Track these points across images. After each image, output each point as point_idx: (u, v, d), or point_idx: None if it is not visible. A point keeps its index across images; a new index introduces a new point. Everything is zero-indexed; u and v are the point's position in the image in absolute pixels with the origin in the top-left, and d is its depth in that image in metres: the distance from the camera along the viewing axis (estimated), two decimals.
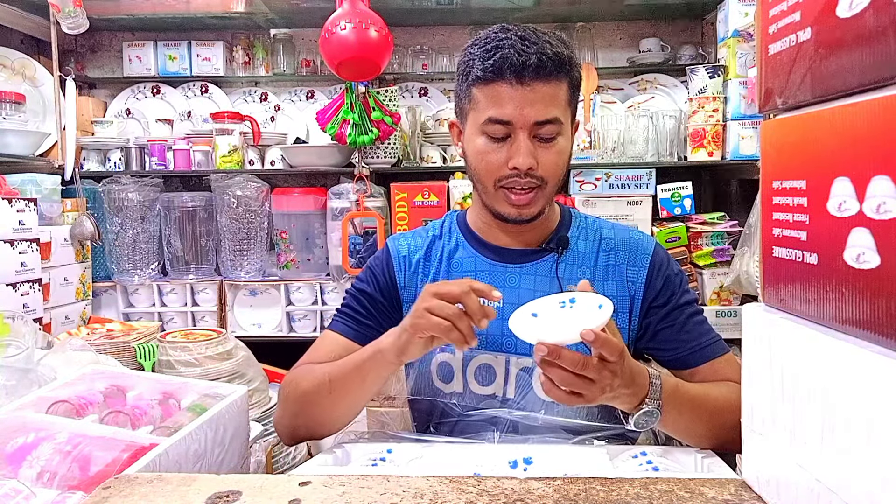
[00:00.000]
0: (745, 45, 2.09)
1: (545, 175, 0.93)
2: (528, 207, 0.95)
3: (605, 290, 0.99)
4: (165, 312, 2.41)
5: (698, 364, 0.97)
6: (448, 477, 0.55)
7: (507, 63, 0.88)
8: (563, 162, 0.95)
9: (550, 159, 0.93)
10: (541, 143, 0.92)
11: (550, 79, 0.90)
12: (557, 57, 0.90)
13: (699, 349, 0.98)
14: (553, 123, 0.91)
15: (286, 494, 0.52)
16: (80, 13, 2.12)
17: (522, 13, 2.46)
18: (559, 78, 0.91)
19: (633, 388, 0.78)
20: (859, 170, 0.39)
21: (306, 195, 2.36)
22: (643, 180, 2.22)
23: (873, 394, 0.38)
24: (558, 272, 1.00)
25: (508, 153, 0.92)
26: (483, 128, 0.93)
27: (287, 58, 2.62)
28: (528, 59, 0.88)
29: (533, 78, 0.89)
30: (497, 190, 0.95)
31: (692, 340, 0.98)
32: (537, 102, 0.90)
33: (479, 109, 0.93)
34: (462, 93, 0.97)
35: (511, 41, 0.89)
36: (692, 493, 0.53)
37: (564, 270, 1.00)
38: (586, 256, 1.02)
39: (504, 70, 0.89)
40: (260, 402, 1.42)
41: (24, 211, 1.80)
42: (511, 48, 0.89)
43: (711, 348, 0.98)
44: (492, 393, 0.98)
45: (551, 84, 0.90)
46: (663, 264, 1.03)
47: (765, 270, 0.51)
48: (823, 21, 0.43)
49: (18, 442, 0.73)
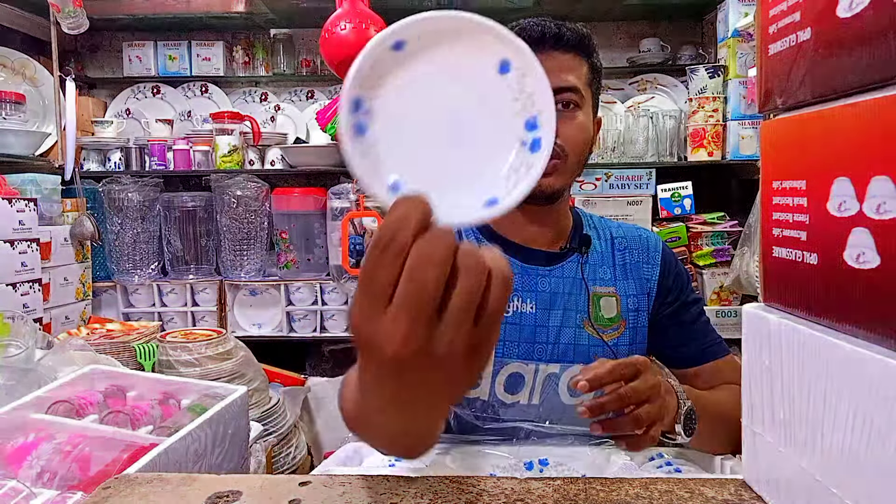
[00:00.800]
0: (745, 45, 2.09)
1: (566, 145, 0.91)
2: (548, 177, 0.91)
3: (626, 289, 0.99)
4: (165, 312, 2.41)
5: (701, 363, 0.98)
6: (448, 477, 0.55)
7: (527, 32, 0.89)
8: (584, 138, 0.94)
9: (571, 132, 0.91)
10: (561, 113, 0.91)
11: (570, 49, 0.91)
12: (577, 32, 0.91)
13: (704, 349, 0.98)
14: (573, 92, 0.91)
15: (286, 494, 0.52)
16: (80, 13, 2.12)
17: (522, 13, 2.46)
18: (579, 52, 0.92)
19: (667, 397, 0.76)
20: (859, 170, 0.39)
21: (306, 195, 2.36)
22: (643, 180, 2.23)
23: (873, 394, 0.38)
24: (583, 273, 0.98)
25: None
26: None
27: (287, 58, 2.62)
28: (548, 28, 0.89)
29: (552, 46, 0.90)
30: None
31: (697, 339, 0.99)
32: (556, 70, 0.89)
33: None
34: None
35: (531, 20, 0.91)
36: (692, 493, 0.53)
37: (588, 271, 0.99)
38: (605, 256, 1.01)
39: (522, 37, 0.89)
40: (260, 402, 1.43)
41: (24, 211, 1.80)
42: (531, 21, 0.91)
43: (715, 349, 0.99)
44: (517, 400, 0.96)
45: (570, 55, 0.91)
46: (673, 262, 1.03)
47: (765, 270, 0.51)
48: (823, 21, 0.43)
49: (18, 442, 0.73)
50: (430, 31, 0.40)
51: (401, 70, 0.40)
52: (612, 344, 0.97)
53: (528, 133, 0.41)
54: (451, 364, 0.36)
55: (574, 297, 0.97)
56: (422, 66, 0.41)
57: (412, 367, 0.36)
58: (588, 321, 0.97)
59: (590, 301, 0.97)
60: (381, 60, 0.40)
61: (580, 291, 0.97)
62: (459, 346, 0.35)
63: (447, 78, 0.41)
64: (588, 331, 0.96)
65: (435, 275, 0.34)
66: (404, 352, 0.35)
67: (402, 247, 0.34)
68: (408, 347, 0.34)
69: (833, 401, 0.41)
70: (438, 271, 0.34)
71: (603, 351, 0.96)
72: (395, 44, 0.39)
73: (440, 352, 0.35)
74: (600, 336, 0.96)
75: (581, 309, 0.97)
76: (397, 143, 0.41)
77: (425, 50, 0.40)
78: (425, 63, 0.41)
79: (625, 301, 0.99)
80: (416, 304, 0.34)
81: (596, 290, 0.98)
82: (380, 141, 0.40)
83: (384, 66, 0.40)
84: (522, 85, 0.41)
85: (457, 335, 0.35)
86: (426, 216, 0.35)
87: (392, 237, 0.34)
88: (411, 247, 0.34)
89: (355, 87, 0.39)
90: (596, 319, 0.97)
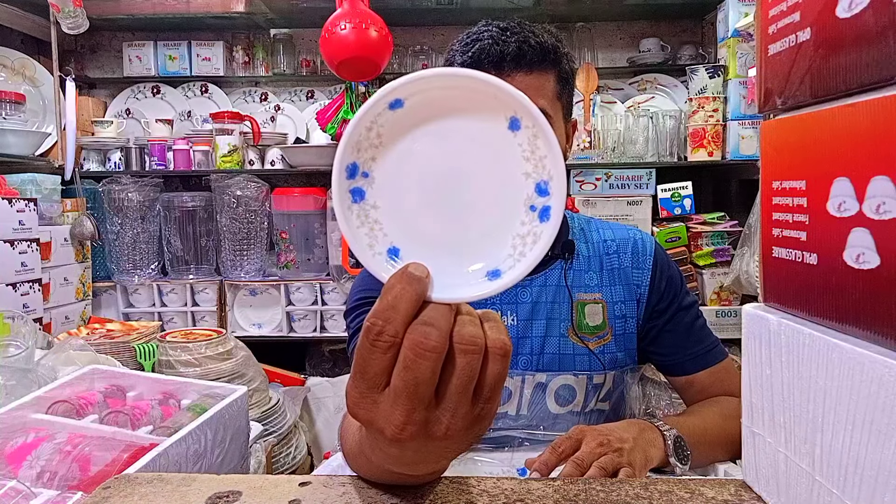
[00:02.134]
0: (745, 45, 2.09)
1: None
2: None
3: (614, 295, 0.97)
4: (165, 312, 2.41)
5: (697, 370, 0.96)
6: (448, 477, 0.55)
7: (485, 53, 0.84)
8: None
9: None
10: None
11: (533, 69, 0.85)
12: (540, 46, 0.85)
13: (699, 355, 0.96)
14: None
15: (286, 494, 0.52)
16: (80, 13, 2.12)
17: (522, 13, 2.46)
18: (543, 68, 0.86)
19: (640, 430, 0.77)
20: (859, 170, 0.39)
21: (306, 195, 2.36)
22: (643, 180, 2.22)
23: (873, 393, 0.38)
24: (567, 280, 0.96)
25: None
26: None
27: (287, 58, 2.62)
28: (507, 48, 0.83)
29: (513, 68, 0.84)
30: None
31: (693, 346, 0.97)
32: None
33: None
34: None
35: (490, 32, 0.86)
36: (692, 494, 0.52)
37: (573, 278, 0.97)
38: (591, 261, 0.99)
39: (482, 61, 0.84)
40: (260, 402, 1.43)
41: (24, 211, 1.80)
42: (489, 38, 0.85)
43: (711, 354, 0.97)
44: (505, 411, 0.95)
45: (534, 74, 0.85)
46: (666, 266, 1.01)
47: (765, 270, 0.51)
48: (823, 21, 0.43)
49: (18, 442, 0.73)
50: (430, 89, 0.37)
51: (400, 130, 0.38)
52: (599, 352, 0.95)
53: (539, 198, 0.38)
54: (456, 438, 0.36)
55: (557, 305, 0.95)
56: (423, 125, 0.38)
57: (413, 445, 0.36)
58: (572, 329, 0.95)
59: (573, 309, 0.95)
60: (378, 121, 0.37)
61: (563, 299, 0.95)
62: (461, 424, 0.35)
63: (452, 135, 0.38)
64: (573, 339, 0.95)
65: (429, 365, 0.34)
66: (403, 436, 0.35)
67: (394, 337, 0.34)
68: (406, 432, 0.35)
69: (833, 401, 0.41)
70: (432, 361, 0.34)
71: (589, 359, 0.94)
72: (392, 103, 0.37)
73: (441, 433, 0.35)
74: (585, 344, 0.95)
75: (564, 318, 0.95)
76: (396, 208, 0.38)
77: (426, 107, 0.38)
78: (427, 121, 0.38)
79: (612, 308, 0.97)
80: (412, 393, 0.34)
81: (580, 297, 0.96)
82: (377, 207, 0.38)
83: (382, 126, 0.38)
84: (534, 146, 0.38)
85: (455, 417, 0.35)
86: (419, 298, 0.34)
87: (382, 328, 0.34)
88: (404, 335, 0.34)
89: (351, 152, 0.37)
90: (580, 328, 0.95)
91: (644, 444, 0.76)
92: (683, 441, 0.79)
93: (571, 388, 0.95)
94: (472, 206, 0.39)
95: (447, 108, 0.38)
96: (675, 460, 0.77)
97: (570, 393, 0.95)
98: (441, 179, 0.38)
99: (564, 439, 0.74)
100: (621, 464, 0.71)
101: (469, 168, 0.38)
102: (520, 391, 0.95)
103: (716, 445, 0.84)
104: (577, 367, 0.95)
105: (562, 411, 0.95)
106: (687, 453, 0.79)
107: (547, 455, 0.73)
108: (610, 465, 0.70)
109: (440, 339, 0.34)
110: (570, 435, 0.74)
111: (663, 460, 0.77)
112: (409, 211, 0.38)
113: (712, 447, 0.83)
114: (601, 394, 0.96)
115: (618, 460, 0.71)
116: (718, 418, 0.87)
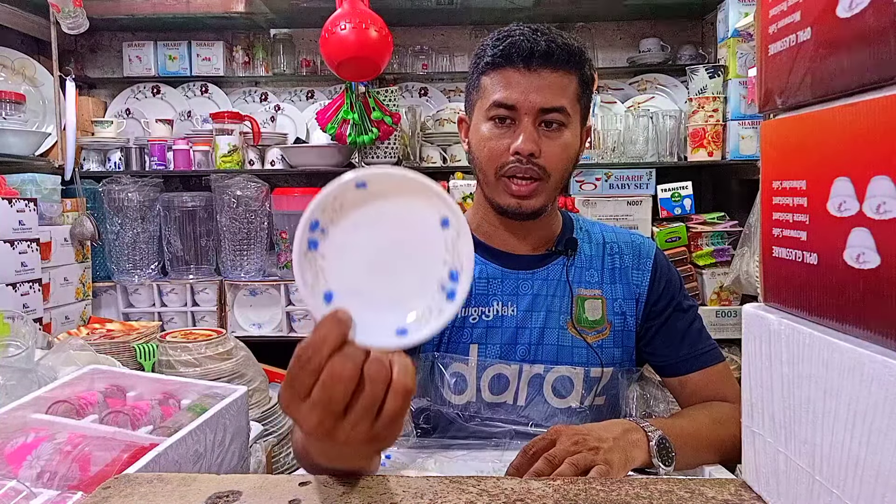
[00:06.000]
0: (745, 45, 2.09)
1: (548, 166, 0.90)
2: (528, 199, 0.91)
3: (614, 292, 0.99)
4: (165, 312, 2.41)
5: (691, 372, 0.97)
6: (448, 477, 0.55)
7: (516, 48, 0.88)
8: (567, 156, 0.92)
9: (554, 151, 0.90)
10: (546, 132, 0.90)
11: (559, 68, 0.89)
12: (567, 47, 0.89)
13: (693, 357, 0.98)
14: (559, 112, 0.90)
15: (286, 494, 0.52)
16: (80, 13, 2.12)
17: (522, 13, 2.46)
18: (568, 69, 0.90)
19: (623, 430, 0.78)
20: (859, 170, 0.39)
21: (306, 195, 2.36)
22: (643, 180, 2.23)
23: (873, 394, 0.38)
24: (568, 276, 0.98)
25: (511, 140, 0.89)
26: (488, 113, 0.91)
27: (287, 58, 2.62)
28: (537, 45, 0.87)
29: (541, 64, 0.88)
30: (498, 180, 0.92)
31: (687, 347, 0.98)
32: (544, 89, 0.88)
33: (486, 96, 0.92)
34: (472, 85, 0.97)
35: (522, 31, 0.90)
36: (692, 494, 0.52)
37: (574, 274, 0.99)
38: (593, 259, 1.01)
39: (512, 55, 0.89)
40: (260, 402, 1.42)
41: (24, 211, 1.80)
42: (521, 35, 0.89)
43: (705, 357, 0.98)
44: (503, 400, 0.96)
45: (559, 73, 0.89)
46: (665, 268, 1.03)
47: (765, 270, 0.51)
48: (823, 21, 0.43)
49: (18, 442, 0.73)
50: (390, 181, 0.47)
51: (359, 204, 0.47)
52: (596, 346, 0.97)
53: (450, 282, 0.48)
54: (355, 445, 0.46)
55: (558, 298, 0.97)
56: (378, 205, 0.47)
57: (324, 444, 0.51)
58: (571, 322, 0.97)
59: (573, 303, 0.97)
60: (343, 194, 0.47)
61: (564, 293, 0.97)
62: (360, 437, 0.45)
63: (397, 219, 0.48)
64: (571, 332, 0.97)
65: (342, 389, 0.43)
66: (316, 434, 0.46)
67: (318, 366, 0.44)
68: (318, 433, 0.45)
69: (833, 401, 0.41)
70: (345, 386, 0.43)
71: (587, 353, 0.96)
72: (359, 183, 0.46)
73: (342, 439, 0.45)
74: (583, 338, 0.96)
75: (564, 311, 0.97)
76: (339, 262, 0.47)
77: (384, 194, 0.47)
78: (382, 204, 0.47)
79: (611, 304, 0.99)
80: (325, 407, 0.44)
81: (581, 292, 0.98)
82: (325, 257, 0.47)
83: (345, 198, 0.47)
84: (456, 244, 0.47)
85: (355, 430, 0.45)
86: (342, 337, 0.44)
87: (310, 357, 0.44)
88: (326, 363, 0.43)
89: (317, 211, 0.46)
90: (579, 321, 0.97)
91: (626, 445, 0.76)
92: (668, 442, 0.79)
93: (569, 381, 0.96)
94: (398, 275, 0.48)
95: (400, 197, 0.47)
96: (658, 461, 0.78)
97: (568, 385, 0.96)
98: (379, 249, 0.48)
99: (538, 440, 0.74)
100: (595, 461, 0.70)
101: (403, 246, 0.48)
102: (517, 380, 0.96)
103: (703, 449, 0.84)
104: (575, 360, 0.96)
105: (560, 405, 0.96)
106: (672, 455, 0.79)
107: (518, 459, 0.73)
108: (583, 462, 0.70)
109: (354, 370, 0.43)
110: (544, 436, 0.75)
111: (646, 461, 0.78)
112: (348, 267, 0.47)
113: (699, 450, 0.84)
114: (598, 388, 0.97)
115: (592, 458, 0.71)
116: (708, 421, 0.88)
